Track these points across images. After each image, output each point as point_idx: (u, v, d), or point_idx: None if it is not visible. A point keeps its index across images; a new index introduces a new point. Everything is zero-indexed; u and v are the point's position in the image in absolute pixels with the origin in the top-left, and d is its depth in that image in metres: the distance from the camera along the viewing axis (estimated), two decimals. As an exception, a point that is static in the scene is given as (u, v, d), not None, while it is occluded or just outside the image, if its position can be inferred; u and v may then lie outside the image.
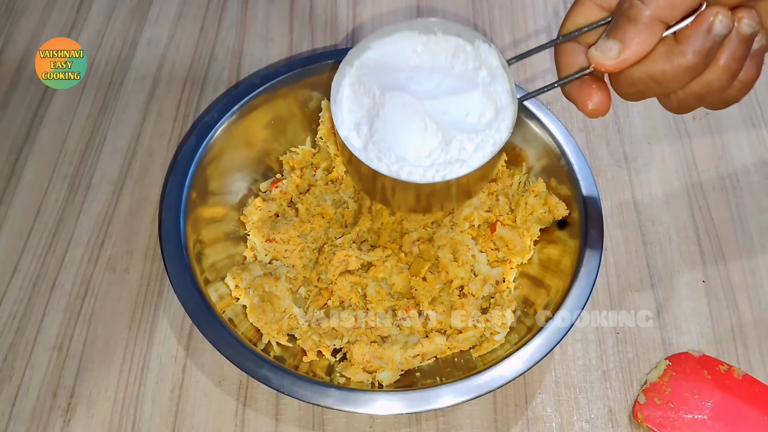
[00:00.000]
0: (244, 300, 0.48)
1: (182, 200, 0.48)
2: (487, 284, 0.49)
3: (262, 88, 0.53)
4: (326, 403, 0.40)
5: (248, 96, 0.52)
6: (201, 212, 0.49)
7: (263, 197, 0.53)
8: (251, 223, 0.52)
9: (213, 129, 0.51)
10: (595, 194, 0.48)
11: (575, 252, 0.46)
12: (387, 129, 0.39)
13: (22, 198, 0.55)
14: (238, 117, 0.52)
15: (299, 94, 0.54)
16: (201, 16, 0.67)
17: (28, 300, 0.50)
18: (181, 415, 0.46)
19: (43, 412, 0.46)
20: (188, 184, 0.48)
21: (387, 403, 0.41)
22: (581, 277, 0.45)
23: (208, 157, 0.50)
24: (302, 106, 0.55)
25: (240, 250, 0.51)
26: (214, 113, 0.51)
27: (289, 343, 0.47)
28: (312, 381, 0.42)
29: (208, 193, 0.50)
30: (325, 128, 0.55)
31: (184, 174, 0.49)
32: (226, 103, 0.52)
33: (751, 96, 0.62)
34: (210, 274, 0.47)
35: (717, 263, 0.53)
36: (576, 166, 0.49)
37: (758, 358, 0.49)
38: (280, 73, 0.53)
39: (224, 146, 0.51)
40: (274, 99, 0.53)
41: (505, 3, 0.69)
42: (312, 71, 0.54)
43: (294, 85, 0.54)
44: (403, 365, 0.46)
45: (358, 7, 0.68)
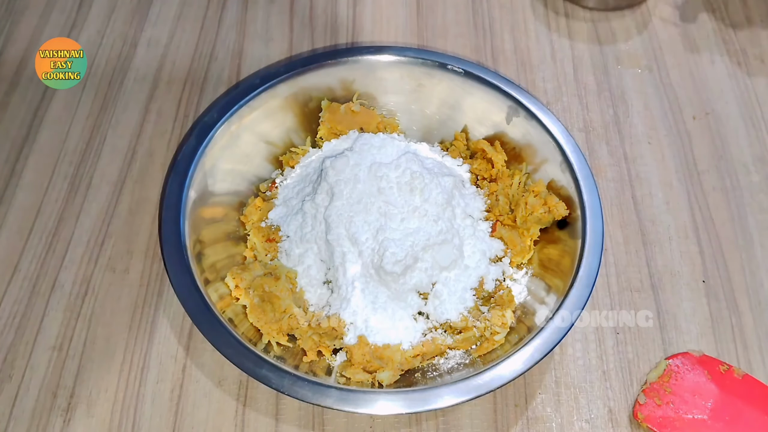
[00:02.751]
0: (244, 300, 0.47)
1: (182, 200, 0.48)
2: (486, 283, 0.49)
3: (261, 88, 0.53)
4: (326, 403, 0.40)
5: (248, 96, 0.52)
6: (201, 212, 0.49)
7: (263, 197, 0.53)
8: (251, 223, 0.52)
9: (213, 129, 0.51)
10: (595, 194, 0.48)
11: (575, 252, 0.46)
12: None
13: (22, 198, 0.55)
14: (237, 117, 0.52)
15: (299, 94, 0.54)
16: (201, 16, 0.67)
17: (28, 300, 0.50)
18: (181, 415, 0.46)
19: (43, 412, 0.46)
20: (188, 184, 0.48)
21: (387, 403, 0.41)
22: (581, 277, 0.45)
23: (208, 157, 0.50)
24: (302, 106, 0.55)
25: (240, 250, 0.51)
26: (213, 113, 0.51)
27: (289, 343, 0.47)
28: (312, 381, 0.42)
29: (208, 193, 0.50)
30: (325, 128, 0.55)
31: (183, 174, 0.49)
32: (226, 103, 0.52)
33: (751, 96, 0.62)
34: (210, 274, 0.47)
35: (717, 263, 0.53)
36: (576, 166, 0.49)
37: (758, 358, 0.49)
38: (280, 74, 0.53)
39: (224, 146, 0.51)
40: (273, 99, 0.53)
41: (505, 3, 0.69)
42: (312, 71, 0.54)
43: (294, 85, 0.54)
44: (403, 365, 0.46)
45: (358, 7, 0.68)
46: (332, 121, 0.55)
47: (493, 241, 0.51)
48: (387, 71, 0.55)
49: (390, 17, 0.68)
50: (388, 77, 0.55)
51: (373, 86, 0.56)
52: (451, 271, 0.48)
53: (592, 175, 0.49)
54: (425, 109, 0.56)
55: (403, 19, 0.67)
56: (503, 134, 0.54)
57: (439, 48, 0.65)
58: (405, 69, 0.55)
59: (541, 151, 0.52)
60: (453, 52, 0.64)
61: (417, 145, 0.55)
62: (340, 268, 0.47)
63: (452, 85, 0.54)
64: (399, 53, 0.55)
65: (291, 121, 0.55)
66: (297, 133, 0.56)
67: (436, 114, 0.56)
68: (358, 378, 0.45)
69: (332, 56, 0.55)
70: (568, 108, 0.61)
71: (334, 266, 0.47)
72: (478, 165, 0.54)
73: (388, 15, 0.68)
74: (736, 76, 0.63)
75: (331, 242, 0.47)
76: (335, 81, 0.55)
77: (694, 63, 0.64)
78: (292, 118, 0.55)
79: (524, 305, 0.48)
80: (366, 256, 0.47)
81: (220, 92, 0.62)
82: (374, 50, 0.55)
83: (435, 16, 0.68)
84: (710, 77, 0.63)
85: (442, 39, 0.66)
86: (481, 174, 0.54)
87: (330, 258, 0.48)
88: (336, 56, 0.55)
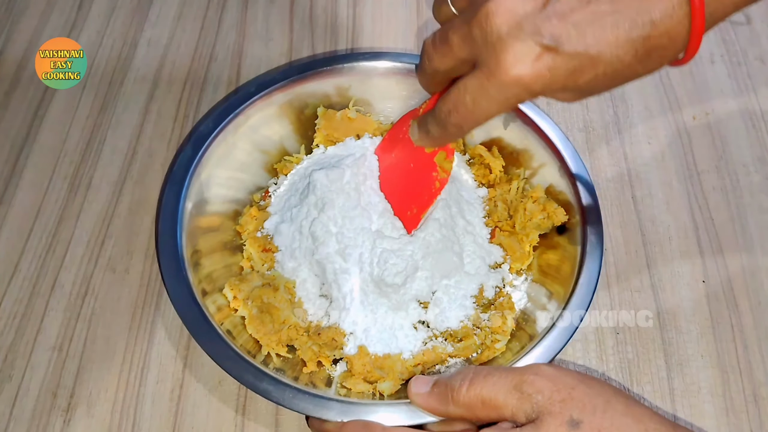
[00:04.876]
0: (242, 311, 0.47)
1: (179, 211, 0.47)
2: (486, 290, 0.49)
3: (257, 96, 0.52)
4: (328, 416, 0.40)
5: (243, 104, 0.52)
6: (198, 222, 0.49)
7: (258, 207, 0.53)
8: (247, 232, 0.51)
9: (208, 138, 0.50)
10: (594, 199, 0.48)
11: (575, 258, 0.46)
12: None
13: (22, 198, 0.55)
14: (233, 126, 0.52)
15: (294, 102, 0.54)
16: (201, 16, 0.67)
17: (28, 300, 0.50)
18: (181, 416, 0.46)
19: (43, 412, 0.46)
20: (184, 194, 0.48)
21: (389, 414, 0.40)
22: (581, 284, 0.45)
23: (204, 167, 0.50)
24: (298, 113, 0.55)
25: (237, 260, 0.51)
26: (209, 122, 0.51)
27: (288, 354, 0.46)
28: (313, 394, 0.41)
29: (204, 203, 0.50)
30: (321, 135, 0.55)
31: (180, 184, 0.48)
32: (221, 111, 0.52)
33: (751, 96, 0.62)
34: (207, 285, 0.47)
35: (717, 264, 0.53)
36: (574, 170, 0.49)
37: (758, 358, 0.49)
38: (276, 81, 0.53)
39: (220, 156, 0.51)
40: (269, 107, 0.53)
41: (505, 3, 0.69)
42: (309, 79, 0.54)
43: (290, 92, 0.54)
44: (404, 375, 0.45)
45: (358, 7, 0.68)
46: (328, 128, 0.55)
47: (492, 247, 0.51)
48: (383, 77, 0.55)
49: (390, 17, 0.68)
50: (384, 83, 0.55)
51: (369, 92, 0.56)
52: (452, 279, 0.48)
53: (590, 180, 0.49)
54: None
55: (404, 19, 0.67)
56: (500, 139, 0.54)
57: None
58: (401, 75, 0.54)
59: (538, 155, 0.52)
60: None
61: None
62: (334, 285, 0.47)
63: None
64: (395, 59, 0.55)
65: (287, 128, 0.55)
66: (291, 141, 0.56)
67: None
68: (359, 389, 0.44)
69: (328, 63, 0.55)
70: (568, 108, 0.61)
71: (328, 282, 0.47)
72: (475, 170, 0.54)
73: (388, 15, 0.68)
74: (736, 76, 0.63)
75: (321, 261, 0.47)
76: (331, 88, 0.55)
77: (694, 63, 0.64)
78: (287, 126, 0.55)
79: (525, 312, 0.48)
80: (364, 269, 0.47)
81: (220, 93, 0.62)
82: (370, 56, 0.55)
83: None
84: (710, 77, 0.63)
85: (442, 39, 0.66)
86: (479, 180, 0.54)
87: (322, 274, 0.47)
88: (332, 63, 0.55)
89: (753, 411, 0.46)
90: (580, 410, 0.35)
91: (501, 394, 0.36)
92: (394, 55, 0.56)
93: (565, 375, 0.37)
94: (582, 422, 0.34)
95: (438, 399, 0.38)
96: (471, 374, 0.38)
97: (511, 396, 0.36)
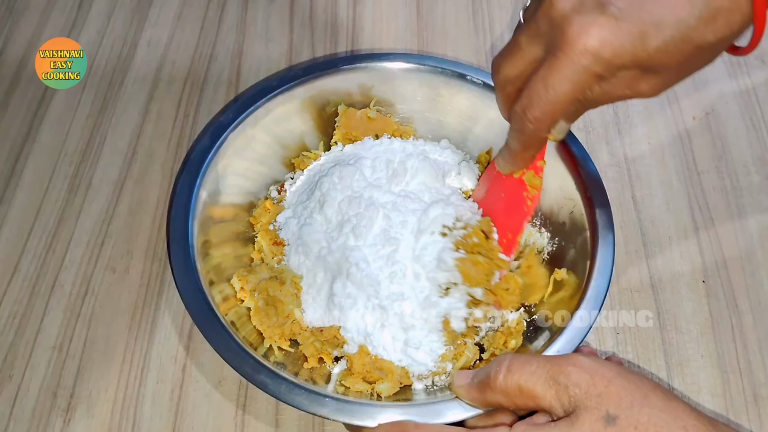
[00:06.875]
0: (248, 302, 0.47)
1: (192, 200, 0.47)
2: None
3: (279, 90, 0.52)
4: (322, 413, 0.40)
5: (265, 97, 0.52)
6: (211, 212, 0.49)
7: (272, 199, 0.53)
8: (260, 225, 0.52)
9: (227, 129, 0.50)
10: (608, 212, 0.47)
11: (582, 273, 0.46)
12: None
13: (22, 198, 0.55)
14: (253, 118, 0.52)
15: (317, 98, 0.54)
16: (201, 16, 0.67)
17: (28, 300, 0.50)
18: (181, 416, 0.46)
19: (43, 412, 0.46)
20: (199, 184, 0.48)
21: (384, 415, 0.40)
22: (587, 299, 0.44)
23: (221, 158, 0.50)
24: (319, 109, 0.55)
25: (248, 251, 0.51)
26: (229, 113, 0.51)
27: (290, 348, 0.46)
28: (309, 389, 0.41)
29: (219, 194, 0.50)
30: (340, 133, 0.55)
31: (195, 173, 0.48)
32: (242, 103, 0.52)
33: (751, 96, 0.62)
34: (215, 275, 0.47)
35: (717, 263, 0.53)
36: (584, 172, 0.49)
37: (758, 358, 0.49)
38: (298, 76, 0.53)
39: (239, 147, 0.51)
40: (291, 101, 0.53)
41: (504, 3, 0.69)
42: (330, 75, 0.54)
43: (312, 88, 0.54)
44: (403, 378, 0.45)
45: (358, 7, 0.68)
46: (348, 126, 0.55)
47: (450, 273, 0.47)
48: (406, 79, 0.55)
49: (390, 18, 0.68)
50: (406, 85, 0.55)
51: (391, 93, 0.56)
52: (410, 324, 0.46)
53: (600, 179, 0.48)
54: (443, 118, 0.56)
55: (404, 19, 0.67)
56: None
57: (438, 48, 0.65)
58: (424, 77, 0.54)
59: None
60: (453, 52, 0.64)
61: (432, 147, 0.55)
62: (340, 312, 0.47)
63: (470, 96, 0.54)
64: (418, 61, 0.55)
65: (308, 124, 0.55)
66: (311, 137, 0.56)
67: (453, 124, 0.56)
68: (358, 388, 0.44)
69: (351, 61, 0.55)
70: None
71: (317, 284, 0.48)
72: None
73: (388, 15, 0.68)
74: (736, 76, 0.63)
75: (336, 292, 0.46)
76: (354, 86, 0.55)
77: (694, 63, 0.64)
78: (308, 121, 0.55)
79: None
80: (375, 310, 0.46)
81: (220, 93, 0.62)
82: (393, 57, 0.56)
83: (435, 17, 0.68)
84: (710, 77, 0.63)
85: (442, 39, 0.66)
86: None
87: (330, 289, 0.47)
88: (355, 61, 0.55)
89: (753, 411, 0.46)
90: (617, 405, 0.34)
91: (539, 385, 0.36)
92: (418, 57, 0.56)
93: (603, 367, 0.36)
94: (618, 417, 0.34)
95: (478, 388, 0.38)
96: (507, 361, 0.37)
97: (548, 387, 0.35)
